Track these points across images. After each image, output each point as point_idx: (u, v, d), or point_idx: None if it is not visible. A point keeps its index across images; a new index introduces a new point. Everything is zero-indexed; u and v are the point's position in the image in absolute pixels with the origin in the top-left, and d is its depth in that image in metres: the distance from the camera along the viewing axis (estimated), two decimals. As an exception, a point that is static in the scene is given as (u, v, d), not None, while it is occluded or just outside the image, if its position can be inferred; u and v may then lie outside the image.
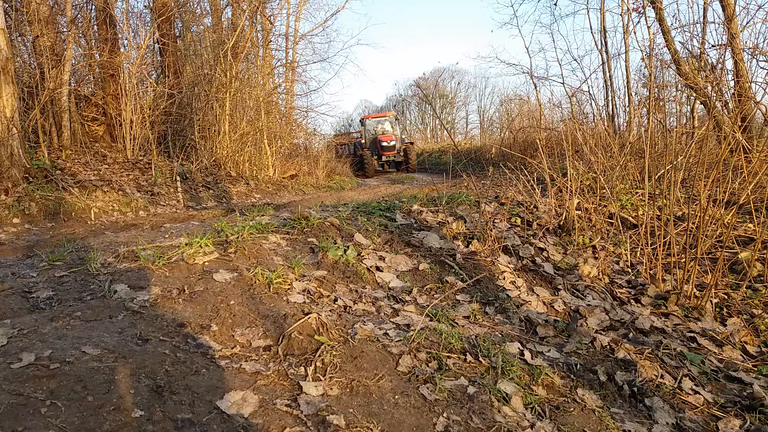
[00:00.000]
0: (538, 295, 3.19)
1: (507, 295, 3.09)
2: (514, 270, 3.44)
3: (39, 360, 1.60)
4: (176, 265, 2.53)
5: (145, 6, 11.95)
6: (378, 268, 3.12)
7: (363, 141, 23.35)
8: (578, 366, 2.37)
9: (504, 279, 3.30)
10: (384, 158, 22.09)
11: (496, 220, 4.04)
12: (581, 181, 4.57)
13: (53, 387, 1.48)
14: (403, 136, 25.71)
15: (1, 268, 2.49)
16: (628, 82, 13.04)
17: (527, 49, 21.67)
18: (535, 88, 20.71)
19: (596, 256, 3.82)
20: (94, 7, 10.02)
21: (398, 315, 2.61)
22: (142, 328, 1.90)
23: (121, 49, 10.19)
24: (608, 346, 2.65)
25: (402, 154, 22.45)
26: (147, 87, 10.38)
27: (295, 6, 18.76)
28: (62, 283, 2.24)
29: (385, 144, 21.99)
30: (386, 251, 3.37)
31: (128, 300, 2.10)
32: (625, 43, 12.39)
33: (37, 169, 7.08)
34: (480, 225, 3.87)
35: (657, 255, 3.59)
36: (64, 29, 8.94)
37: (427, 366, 2.11)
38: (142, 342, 1.80)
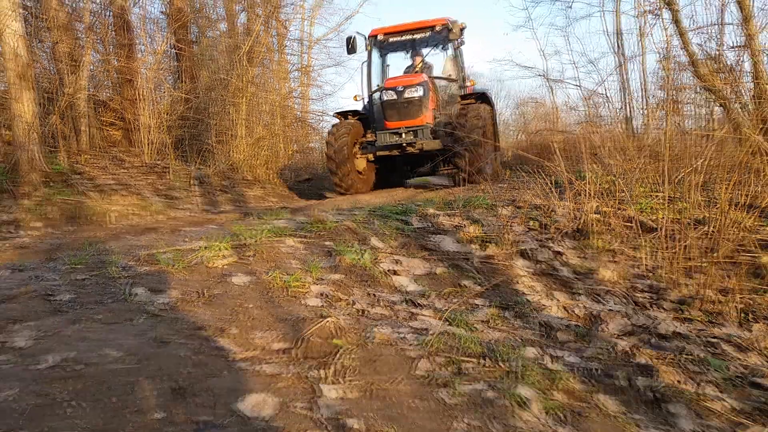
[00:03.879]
0: (556, 299, 3.17)
1: (525, 299, 3.07)
2: (532, 274, 3.42)
3: (63, 361, 1.62)
4: (195, 268, 2.55)
5: (161, 12, 12.07)
6: (394, 272, 3.11)
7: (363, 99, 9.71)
8: (598, 371, 2.35)
9: (521, 283, 3.28)
10: (393, 140, 8.59)
11: (512, 224, 4.02)
12: (599, 185, 4.53)
13: (77, 388, 1.49)
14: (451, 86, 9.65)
15: (25, 271, 2.52)
16: (644, 84, 12.93)
17: (542, 52, 21.55)
18: (551, 90, 20.57)
19: (615, 260, 3.78)
20: (111, 13, 10.15)
21: (415, 319, 2.60)
22: (162, 330, 1.91)
23: (138, 55, 10.31)
24: (629, 351, 2.62)
25: (448, 133, 8.36)
26: (164, 92, 10.49)
27: (310, 11, 18.85)
28: (83, 286, 2.26)
29: (392, 98, 8.42)
30: (402, 255, 3.36)
31: (148, 303, 2.12)
32: (641, 46, 12.29)
33: (57, 173, 7.17)
34: (496, 229, 3.85)
35: (677, 259, 3.55)
36: (82, 35, 9.06)
37: (445, 370, 2.10)
38: (162, 344, 1.81)
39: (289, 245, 3.10)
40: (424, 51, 9.94)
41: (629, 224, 4.20)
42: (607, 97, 10.71)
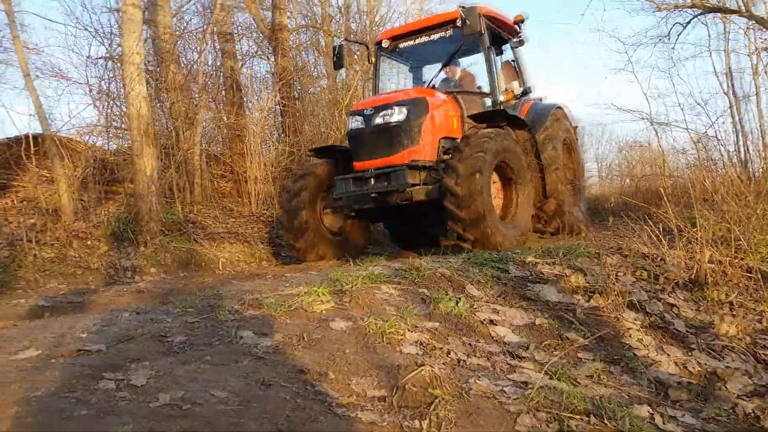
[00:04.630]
0: (668, 354, 2.95)
1: (634, 353, 2.88)
2: (642, 327, 3.21)
3: (173, 400, 1.71)
4: (296, 312, 2.63)
5: (267, 72, 12.97)
6: (492, 322, 3.04)
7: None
8: (720, 435, 2.14)
9: (630, 336, 3.09)
10: (355, 188, 6.14)
11: (619, 273, 3.83)
12: (713, 232, 4.23)
13: (185, 426, 1.56)
14: (515, 93, 7.27)
15: (141, 314, 2.71)
16: (761, 125, 12.08)
17: (645, 95, 20.79)
18: (656, 134, 19.65)
19: (734, 313, 3.48)
20: (222, 74, 11.04)
21: (515, 371, 2.51)
22: (265, 373, 1.97)
23: (246, 112, 11.07)
24: (753, 414, 2.38)
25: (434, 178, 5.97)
26: (269, 146, 11.13)
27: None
28: (194, 328, 2.39)
29: (357, 127, 6.22)
30: (500, 304, 3.29)
31: (253, 346, 2.21)
32: (755, 85, 11.59)
33: (172, 222, 7.75)
34: (601, 278, 3.68)
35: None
36: (197, 95, 9.89)
37: (548, 426, 2.00)
38: (265, 387, 1.87)
39: (385, 292, 3.12)
40: (464, 59, 7.66)
41: (749, 275, 3.87)
42: (718, 139, 10.08)
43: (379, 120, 6.07)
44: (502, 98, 6.93)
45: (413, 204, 6.04)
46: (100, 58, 8.76)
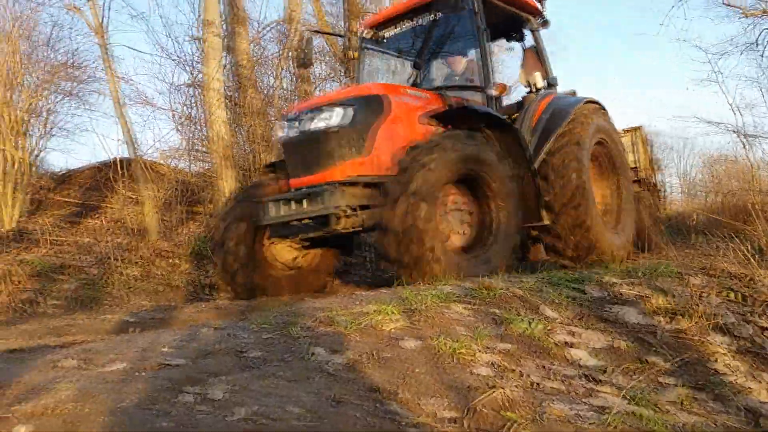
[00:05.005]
0: (760, 381, 2.75)
1: (722, 379, 2.70)
2: (731, 351, 3.02)
3: (249, 415, 1.75)
4: (366, 330, 2.64)
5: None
6: (568, 344, 2.94)
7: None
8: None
9: (719, 361, 2.90)
10: (282, 213, 4.95)
11: (704, 294, 3.61)
12: (812, 251, 3.93)
13: (261, 441, 1.60)
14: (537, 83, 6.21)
15: (219, 330, 2.80)
16: None
17: (731, 106, 19.65)
18: (744, 146, 18.52)
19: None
20: (297, 98, 11.40)
21: (592, 395, 2.41)
22: (337, 390, 1.99)
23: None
24: None
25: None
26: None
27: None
28: (269, 344, 2.45)
29: (289, 135, 5.06)
30: (577, 326, 3.18)
31: (325, 362, 2.24)
32: None
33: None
34: (685, 299, 3.48)
35: None
36: (273, 118, 10.25)
37: (629, 455, 1.91)
38: (336, 404, 1.89)
39: (455, 311, 3.09)
40: (469, 51, 6.16)
41: None
42: (816, 151, 9.37)
43: (311, 125, 4.80)
44: (492, 92, 5.57)
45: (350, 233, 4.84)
46: (183, 84, 9.27)
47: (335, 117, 4.72)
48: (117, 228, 8.01)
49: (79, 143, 31.93)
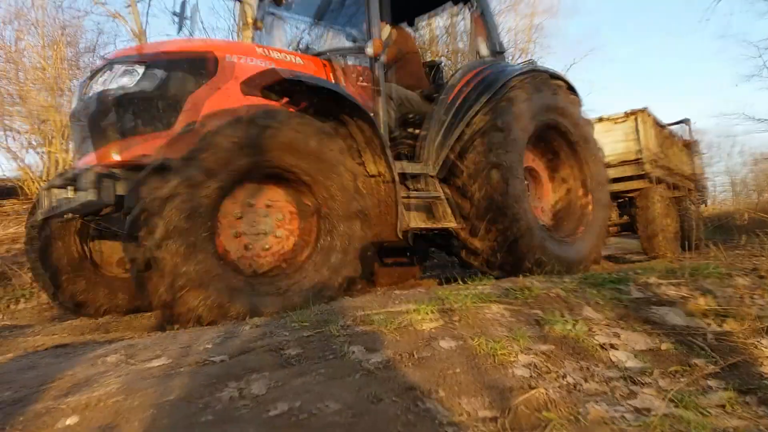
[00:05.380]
0: (817, 387, 2.63)
1: (772, 384, 2.60)
2: (782, 355, 2.90)
3: (290, 410, 1.78)
4: (404, 329, 2.65)
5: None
6: (611, 346, 2.88)
7: None
8: None
9: (765, 365, 2.80)
10: (54, 201, 3.99)
11: (754, 296, 3.49)
12: None
13: (300, 436, 1.63)
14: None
15: (259, 327, 2.86)
16: None
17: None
18: (795, 144, 17.73)
19: None
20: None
21: (635, 397, 2.36)
22: (376, 388, 2.00)
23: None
24: None
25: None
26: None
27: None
28: (308, 342, 2.49)
29: (74, 107, 4.08)
30: (620, 327, 3.11)
31: (363, 361, 2.25)
32: None
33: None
34: (734, 301, 3.37)
35: None
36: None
37: (674, 458, 1.86)
38: (376, 401, 1.90)
39: (495, 311, 3.07)
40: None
41: None
42: None
43: (94, 89, 3.83)
44: (369, 51, 4.49)
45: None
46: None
47: (131, 78, 3.70)
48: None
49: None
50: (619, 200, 9.82)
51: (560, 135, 5.24)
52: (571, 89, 5.48)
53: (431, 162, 4.61)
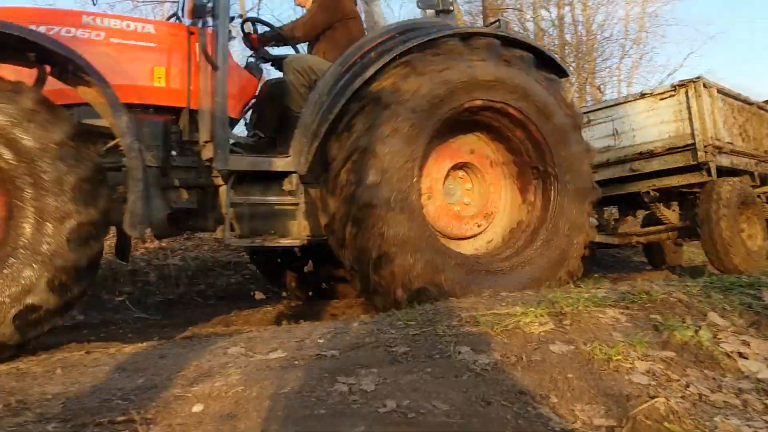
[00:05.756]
0: None
1: None
2: None
3: (399, 408, 1.81)
4: (512, 332, 2.60)
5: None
6: (741, 355, 2.66)
7: None
8: None
9: None
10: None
11: None
12: None
13: (410, 434, 1.64)
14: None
15: (368, 324, 2.92)
16: None
17: None
18: None
19: None
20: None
21: (772, 413, 2.16)
22: (485, 390, 1.98)
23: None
24: None
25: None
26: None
27: (626, 72, 18.22)
28: (415, 340, 2.51)
29: None
30: (751, 335, 2.86)
31: (470, 362, 2.24)
32: None
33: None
34: None
35: None
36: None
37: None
38: (485, 404, 1.88)
39: (610, 316, 2.93)
40: None
41: None
42: None
43: None
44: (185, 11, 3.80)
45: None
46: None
47: None
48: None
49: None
50: (680, 198, 7.56)
51: (515, 122, 3.97)
52: (548, 63, 4.21)
53: (302, 156, 3.62)
